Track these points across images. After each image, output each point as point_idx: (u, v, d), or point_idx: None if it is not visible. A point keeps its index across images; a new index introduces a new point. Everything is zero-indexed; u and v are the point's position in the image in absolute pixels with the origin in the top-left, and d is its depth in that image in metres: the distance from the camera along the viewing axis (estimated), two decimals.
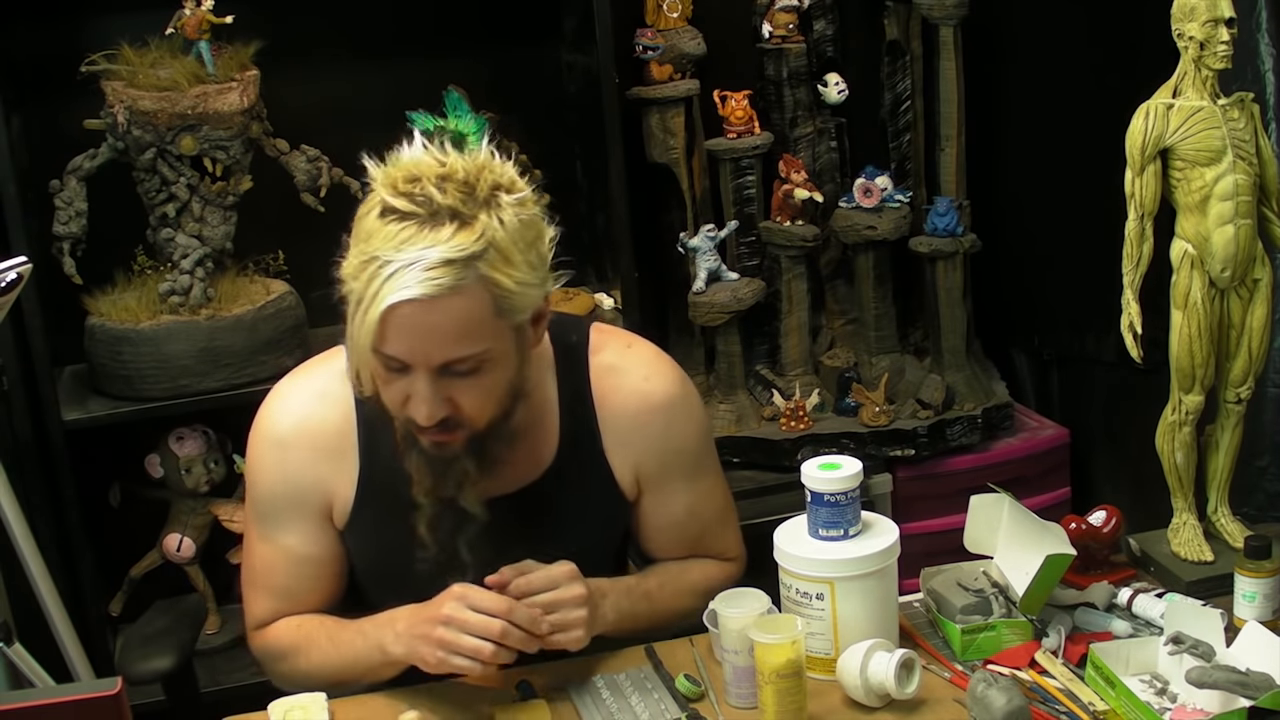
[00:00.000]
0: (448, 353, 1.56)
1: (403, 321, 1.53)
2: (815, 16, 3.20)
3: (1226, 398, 1.97)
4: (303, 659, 1.79)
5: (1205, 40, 1.83)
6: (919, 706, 1.68)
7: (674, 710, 1.70)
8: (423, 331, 1.54)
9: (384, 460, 1.74)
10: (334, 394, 1.77)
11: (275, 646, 1.82)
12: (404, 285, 1.51)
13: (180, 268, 2.68)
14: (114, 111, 2.61)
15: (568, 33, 3.06)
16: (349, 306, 1.58)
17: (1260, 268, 1.90)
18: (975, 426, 3.12)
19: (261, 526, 1.81)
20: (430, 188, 1.54)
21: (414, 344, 1.55)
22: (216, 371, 2.67)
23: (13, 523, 2.33)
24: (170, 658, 1.91)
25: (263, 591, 1.83)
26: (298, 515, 1.78)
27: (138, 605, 2.84)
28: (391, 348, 1.56)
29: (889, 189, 3.17)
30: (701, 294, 3.11)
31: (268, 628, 1.83)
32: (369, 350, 1.56)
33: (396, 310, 1.52)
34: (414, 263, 1.51)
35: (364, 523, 1.78)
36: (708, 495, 1.89)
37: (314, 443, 1.76)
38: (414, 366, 1.57)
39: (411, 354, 1.56)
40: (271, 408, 1.80)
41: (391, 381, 1.61)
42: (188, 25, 2.63)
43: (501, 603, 1.65)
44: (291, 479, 1.77)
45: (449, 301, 1.53)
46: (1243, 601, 1.78)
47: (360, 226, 1.58)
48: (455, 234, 1.52)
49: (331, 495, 1.78)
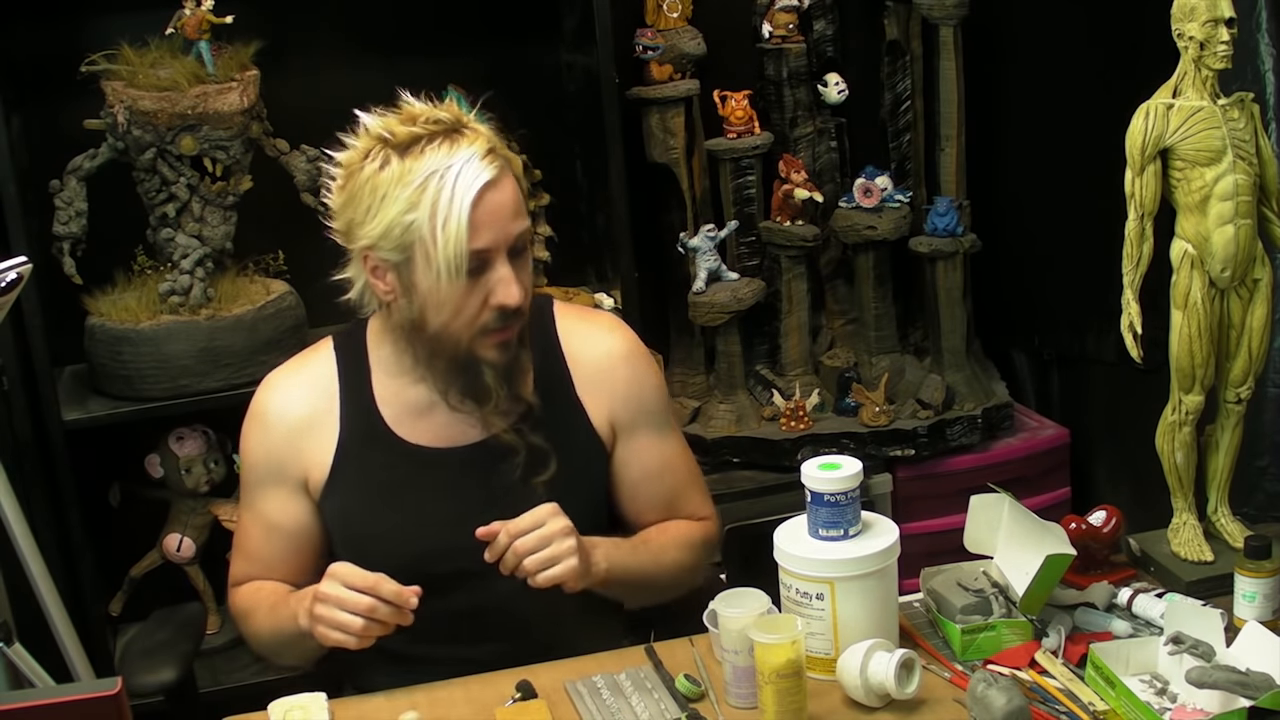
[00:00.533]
0: (516, 226, 1.74)
1: (485, 207, 1.70)
2: (815, 16, 3.20)
3: (1226, 398, 1.97)
4: (253, 622, 1.90)
5: (1205, 40, 1.83)
6: (919, 706, 1.68)
7: (674, 710, 1.70)
8: (498, 211, 1.72)
9: (366, 419, 1.86)
10: (318, 375, 1.90)
11: (239, 606, 1.94)
12: (476, 175, 1.70)
13: (180, 268, 2.68)
14: (114, 111, 2.61)
15: (568, 33, 3.06)
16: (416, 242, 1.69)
17: (1260, 268, 1.90)
18: (975, 426, 3.12)
19: (248, 496, 1.94)
20: (435, 113, 1.74)
21: (496, 226, 1.71)
22: (216, 371, 2.67)
23: (13, 523, 2.33)
24: (173, 670, 1.94)
25: (240, 555, 1.96)
26: (275, 485, 1.89)
27: (138, 605, 2.85)
28: (480, 239, 1.70)
29: (889, 189, 3.17)
30: (701, 294, 3.11)
31: (239, 587, 1.95)
32: (463, 253, 1.69)
33: (481, 198, 1.69)
34: (470, 158, 1.70)
35: (342, 483, 1.87)
36: (677, 454, 1.98)
37: (293, 423, 1.88)
38: (494, 253, 1.72)
39: (495, 237, 1.72)
40: (260, 393, 1.93)
41: (470, 290, 1.73)
42: (188, 25, 2.63)
43: (369, 579, 1.70)
44: (272, 452, 1.89)
45: (504, 181, 1.73)
46: (1243, 601, 1.78)
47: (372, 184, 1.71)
48: (475, 136, 1.73)
49: (308, 467, 1.87)
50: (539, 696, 1.73)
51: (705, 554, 2.00)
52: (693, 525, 1.98)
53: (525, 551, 1.71)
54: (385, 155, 1.71)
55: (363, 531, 1.86)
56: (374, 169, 1.71)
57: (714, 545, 2.02)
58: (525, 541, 1.71)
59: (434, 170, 1.69)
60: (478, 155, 1.70)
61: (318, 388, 1.88)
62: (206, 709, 1.96)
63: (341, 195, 1.75)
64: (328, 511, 1.88)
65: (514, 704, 1.72)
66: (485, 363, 1.78)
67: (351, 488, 1.86)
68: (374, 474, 1.86)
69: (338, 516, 1.88)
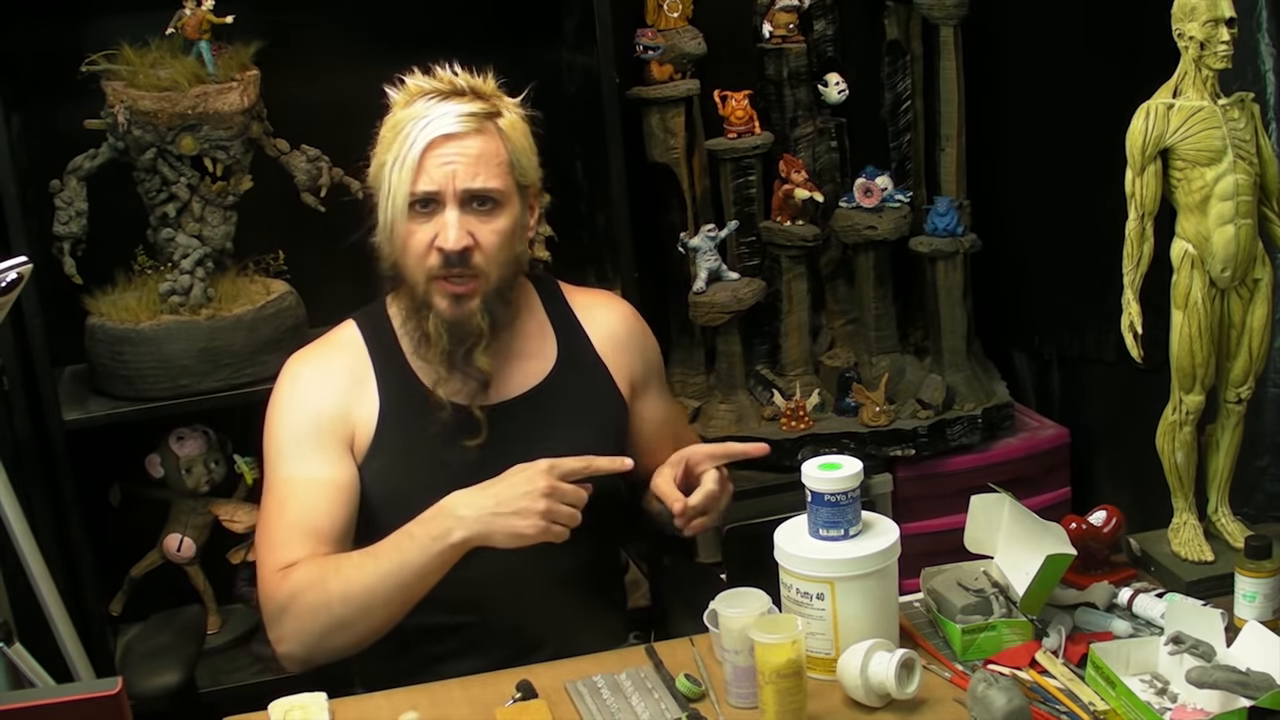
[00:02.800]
0: (471, 180, 1.83)
1: (436, 155, 1.82)
2: (815, 16, 3.20)
3: (1227, 397, 1.97)
4: (333, 580, 1.79)
5: (1205, 40, 1.83)
6: (919, 706, 1.68)
7: (674, 710, 1.70)
8: (450, 160, 1.82)
9: (404, 382, 1.92)
10: (348, 342, 1.97)
11: (299, 580, 1.80)
12: (440, 128, 1.82)
13: (180, 268, 2.68)
14: (114, 111, 2.61)
15: (568, 33, 3.05)
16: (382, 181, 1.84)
17: (1260, 267, 1.90)
18: (975, 426, 3.12)
19: (276, 471, 1.89)
20: (451, 77, 1.87)
21: (443, 172, 1.82)
22: (217, 371, 2.67)
23: (13, 523, 2.33)
24: (176, 673, 1.94)
25: (281, 530, 1.85)
26: (317, 442, 1.89)
27: (138, 605, 2.84)
28: (424, 182, 1.82)
29: (889, 189, 3.17)
30: (702, 294, 3.11)
31: (289, 569, 1.82)
32: (406, 193, 1.81)
33: (432, 146, 1.81)
34: (446, 113, 1.83)
35: (385, 445, 1.90)
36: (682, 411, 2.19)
37: (333, 378, 1.93)
38: (444, 195, 1.83)
39: (441, 183, 1.82)
40: (289, 366, 1.97)
41: (417, 230, 1.84)
42: (188, 25, 2.63)
43: (581, 462, 1.81)
44: (310, 408, 1.91)
45: (474, 138, 1.84)
46: (1243, 601, 1.78)
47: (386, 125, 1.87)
48: (475, 100, 1.85)
49: (353, 423, 1.91)
50: (539, 696, 1.73)
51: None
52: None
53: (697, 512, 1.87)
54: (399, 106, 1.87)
55: (408, 493, 1.86)
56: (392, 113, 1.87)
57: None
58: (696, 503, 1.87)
59: (414, 118, 1.83)
60: (455, 112, 1.82)
61: (351, 354, 1.95)
62: (206, 709, 1.96)
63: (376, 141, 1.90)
64: (370, 472, 1.90)
65: (514, 704, 1.72)
66: (434, 310, 1.86)
67: (396, 446, 1.90)
68: (418, 432, 1.90)
69: (381, 479, 1.90)
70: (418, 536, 1.79)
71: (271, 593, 1.82)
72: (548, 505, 1.76)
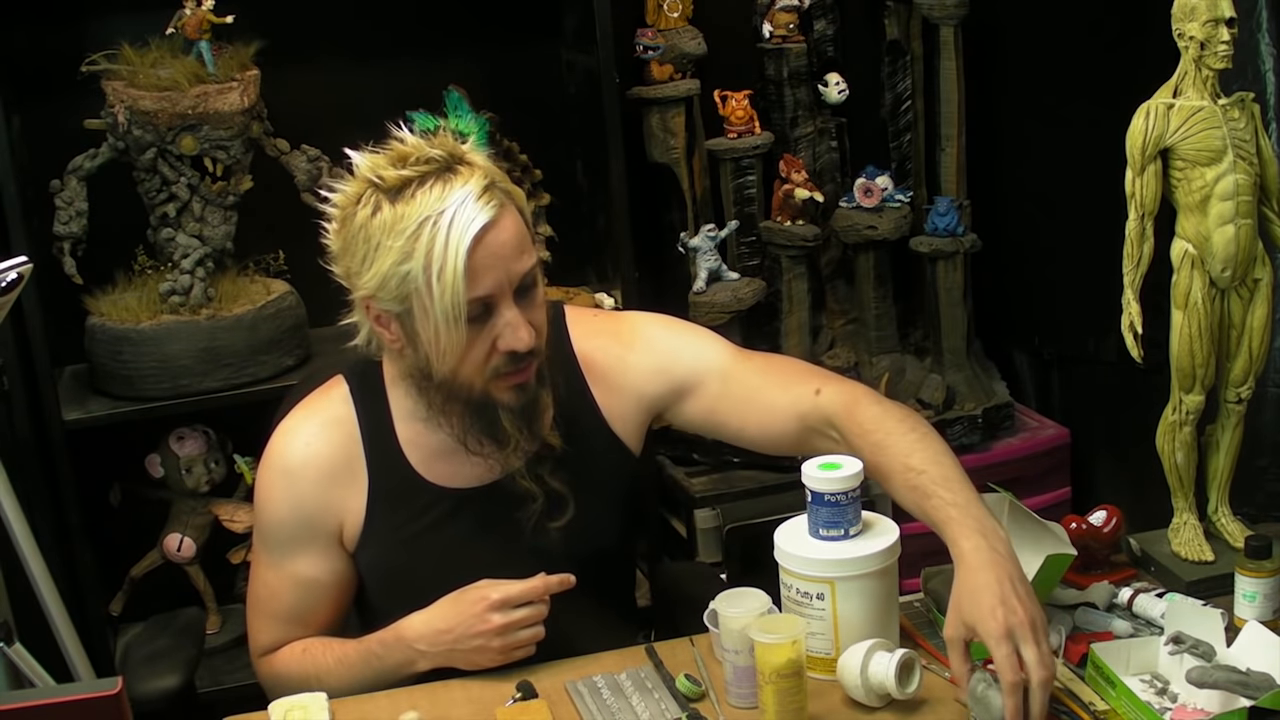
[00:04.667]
0: (521, 265, 1.65)
1: (484, 252, 1.61)
2: (815, 16, 3.20)
3: (1227, 397, 1.97)
4: (311, 680, 1.80)
5: (1205, 40, 1.83)
6: (919, 706, 1.68)
7: (674, 710, 1.70)
8: (499, 254, 1.63)
9: (392, 463, 1.79)
10: (338, 417, 1.81)
11: (284, 673, 1.83)
12: (472, 219, 1.60)
13: (181, 268, 2.68)
14: (114, 111, 2.61)
15: (568, 33, 3.06)
16: (412, 293, 1.62)
17: (1261, 268, 1.90)
18: (975, 426, 3.12)
19: (270, 555, 1.83)
20: (427, 151, 1.64)
21: (497, 269, 1.63)
22: (217, 371, 2.67)
23: (13, 523, 2.33)
24: (176, 677, 1.94)
25: (268, 618, 1.85)
26: (308, 541, 1.80)
27: (138, 605, 2.85)
28: (481, 285, 1.62)
29: (889, 189, 3.17)
30: (702, 294, 3.11)
31: (273, 655, 1.85)
32: (461, 303, 1.61)
33: (479, 242, 1.60)
34: (464, 200, 1.61)
35: (376, 535, 1.81)
36: (736, 355, 1.86)
37: (322, 469, 1.79)
38: (499, 297, 1.64)
39: (498, 281, 1.63)
40: (277, 441, 1.82)
41: (475, 337, 1.65)
42: (188, 25, 2.63)
43: (525, 588, 1.70)
44: (301, 506, 1.79)
45: (504, 220, 1.64)
46: (1243, 601, 1.78)
47: (364, 232, 1.63)
48: (471, 173, 1.64)
49: (342, 516, 1.81)
50: (539, 696, 1.73)
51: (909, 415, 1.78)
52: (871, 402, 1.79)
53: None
54: (376, 200, 1.62)
55: (402, 579, 1.82)
56: (366, 215, 1.63)
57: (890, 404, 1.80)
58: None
59: (427, 216, 1.60)
60: (473, 195, 1.61)
61: (340, 433, 1.80)
62: (206, 709, 1.96)
63: (338, 240, 1.68)
64: (363, 561, 1.83)
65: (514, 704, 1.72)
66: (501, 406, 1.71)
67: (386, 536, 1.81)
68: (408, 521, 1.80)
69: (375, 566, 1.83)
70: (385, 660, 1.77)
71: (257, 670, 1.89)
72: (502, 643, 1.71)
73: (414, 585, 1.78)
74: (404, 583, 1.81)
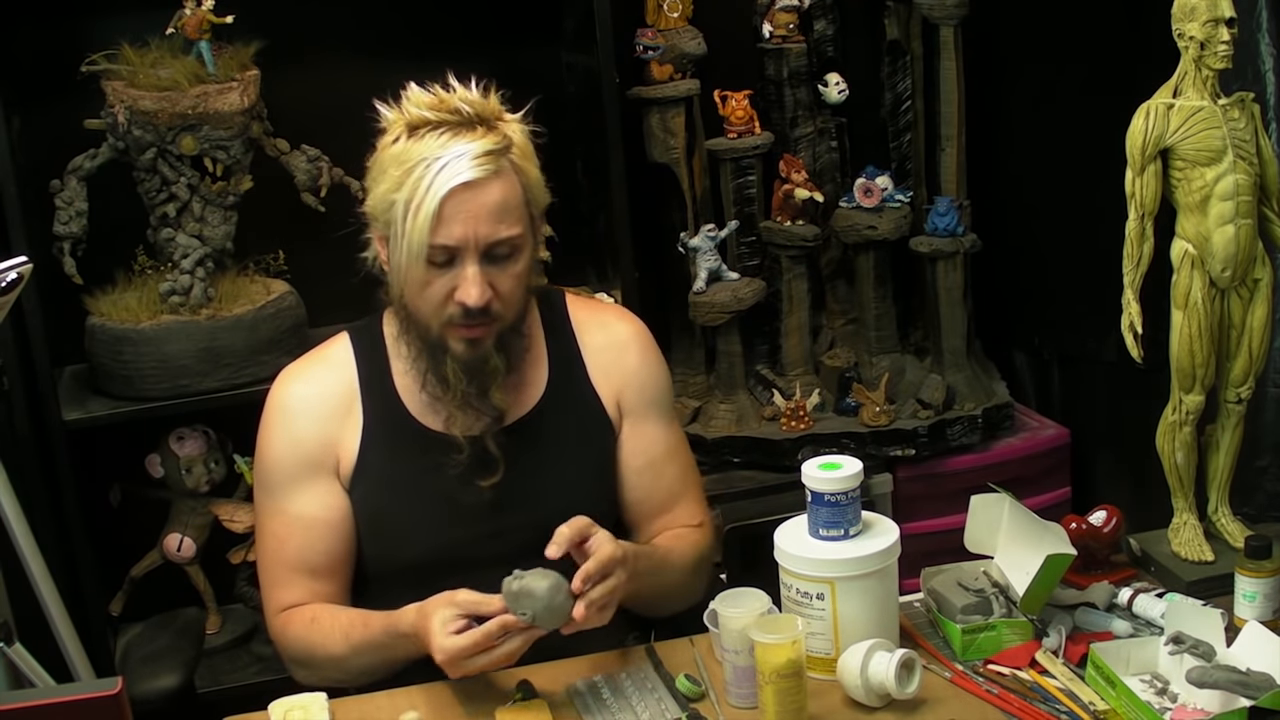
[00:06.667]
0: (494, 232, 1.74)
1: (457, 206, 1.72)
2: (815, 16, 3.20)
3: (1227, 397, 1.97)
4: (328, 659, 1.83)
5: (1205, 40, 1.83)
6: (919, 706, 1.68)
7: (674, 710, 1.70)
8: (473, 212, 1.73)
9: (388, 406, 1.88)
10: (338, 361, 1.91)
11: (296, 643, 1.87)
12: (457, 173, 1.71)
13: (181, 268, 2.68)
14: (114, 111, 2.61)
15: (568, 33, 3.05)
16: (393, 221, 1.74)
17: (1261, 267, 1.90)
18: (975, 426, 3.12)
19: (272, 501, 1.89)
20: (456, 102, 1.75)
21: (466, 226, 1.73)
22: (217, 371, 2.67)
23: (13, 523, 2.33)
24: (175, 677, 1.94)
25: (277, 569, 1.89)
26: (307, 478, 1.87)
27: (138, 605, 2.84)
28: (445, 235, 1.72)
29: (889, 189, 3.17)
30: (702, 294, 3.11)
31: (286, 617, 1.88)
32: (424, 244, 1.72)
33: (452, 195, 1.71)
34: (461, 154, 1.71)
35: (369, 469, 1.87)
36: (678, 447, 2.01)
37: (318, 405, 1.88)
38: (464, 251, 1.74)
39: (464, 237, 1.73)
40: (277, 386, 1.93)
41: (435, 280, 1.76)
42: (188, 25, 2.63)
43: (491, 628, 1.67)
44: (300, 442, 1.87)
45: (493, 184, 1.74)
46: (1243, 601, 1.78)
47: (381, 158, 1.78)
48: (487, 134, 1.75)
49: (338, 452, 1.87)
50: (539, 696, 1.73)
51: (704, 576, 1.99)
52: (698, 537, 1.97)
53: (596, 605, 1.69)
54: (400, 133, 1.76)
55: (391, 520, 1.87)
56: (388, 142, 1.77)
57: (710, 559, 2.01)
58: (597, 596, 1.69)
59: (424, 158, 1.72)
60: (472, 153, 1.72)
61: (338, 375, 1.90)
62: (206, 709, 1.96)
63: (371, 163, 1.81)
64: (356, 500, 1.88)
65: (514, 704, 1.72)
66: (450, 353, 1.80)
67: (378, 475, 1.87)
68: (400, 461, 1.87)
69: (365, 505, 1.88)
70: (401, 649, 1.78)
71: (274, 634, 1.91)
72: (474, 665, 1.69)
73: (405, 527, 1.85)
74: (395, 523, 1.87)
